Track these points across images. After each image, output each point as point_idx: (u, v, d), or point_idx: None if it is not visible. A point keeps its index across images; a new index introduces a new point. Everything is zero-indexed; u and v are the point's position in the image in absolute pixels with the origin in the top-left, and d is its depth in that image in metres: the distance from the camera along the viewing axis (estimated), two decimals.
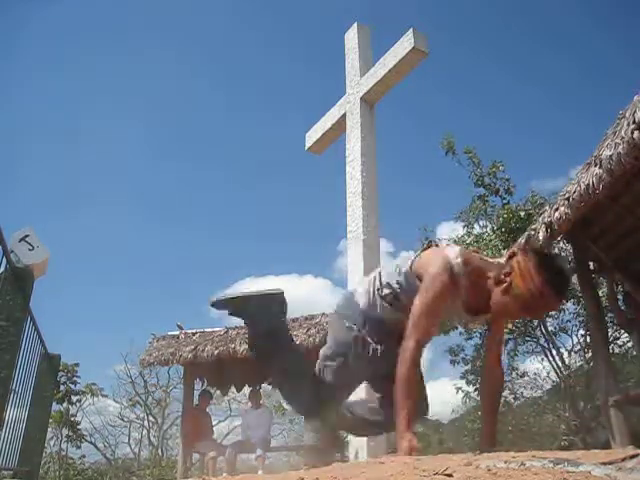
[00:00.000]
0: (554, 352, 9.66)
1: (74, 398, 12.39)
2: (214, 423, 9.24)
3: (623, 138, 3.48)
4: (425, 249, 2.01)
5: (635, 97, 3.58)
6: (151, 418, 16.24)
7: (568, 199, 4.20)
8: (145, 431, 16.30)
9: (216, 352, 7.34)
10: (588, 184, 3.87)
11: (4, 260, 3.14)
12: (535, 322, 9.65)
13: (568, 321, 9.91)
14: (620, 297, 7.53)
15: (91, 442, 15.46)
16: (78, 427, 13.00)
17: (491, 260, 1.91)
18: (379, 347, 1.88)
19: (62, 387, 11.51)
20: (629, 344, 8.73)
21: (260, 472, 6.36)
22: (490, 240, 9.25)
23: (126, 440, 16.54)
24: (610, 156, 3.60)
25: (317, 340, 6.81)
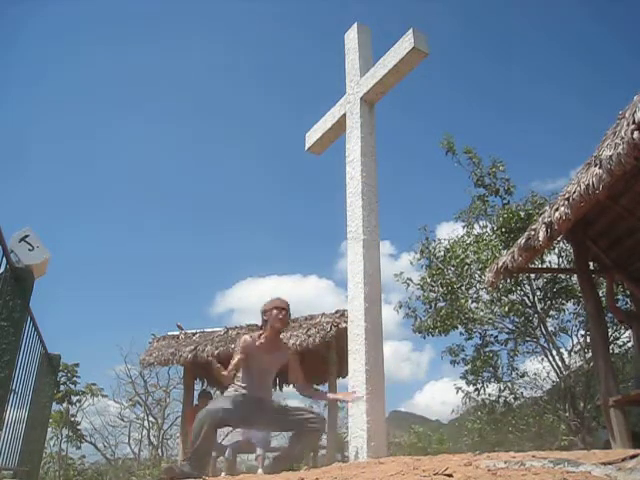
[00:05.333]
0: (554, 352, 9.66)
1: (74, 398, 12.36)
2: None
3: (623, 138, 3.47)
4: None
5: (635, 97, 3.58)
6: (151, 418, 16.23)
7: (568, 199, 4.19)
8: (145, 431, 16.29)
9: (216, 352, 7.33)
10: (588, 184, 3.87)
11: (4, 260, 3.14)
12: (535, 322, 9.64)
13: (568, 321, 9.91)
14: (622, 294, 7.51)
15: (91, 442, 15.46)
16: (78, 427, 12.98)
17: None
18: None
19: (62, 387, 11.49)
20: (629, 344, 8.73)
21: (260, 471, 6.36)
22: (490, 240, 9.24)
23: (126, 440, 16.54)
24: (610, 156, 3.60)
25: (317, 340, 6.80)
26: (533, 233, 4.70)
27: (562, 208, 4.26)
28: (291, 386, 9.27)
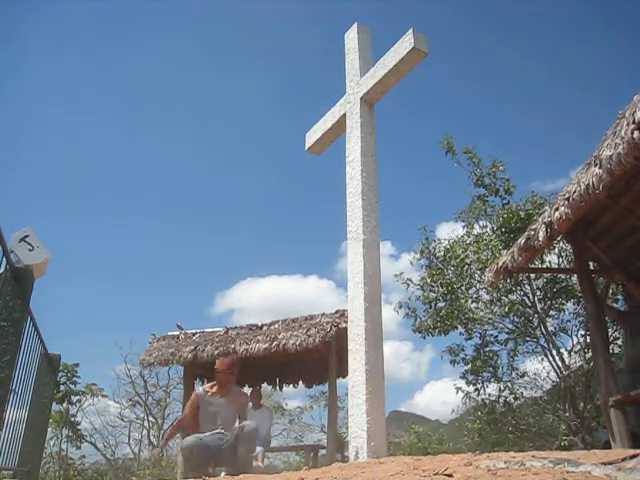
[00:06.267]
0: (554, 352, 9.65)
1: (74, 398, 12.37)
2: None
3: (623, 138, 3.47)
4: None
5: (635, 97, 3.57)
6: (151, 418, 16.24)
7: (568, 199, 4.19)
8: (145, 431, 16.30)
9: (216, 352, 7.34)
10: (588, 184, 3.86)
11: (4, 260, 3.13)
12: (535, 322, 9.64)
13: (568, 321, 9.90)
14: (622, 294, 7.49)
15: (91, 442, 15.47)
16: (78, 427, 12.99)
17: None
18: None
19: (62, 387, 11.49)
20: None
21: (259, 464, 6.38)
22: (490, 240, 9.24)
23: (126, 440, 16.55)
24: (610, 156, 3.59)
25: (317, 340, 6.80)
26: (533, 233, 4.70)
27: (562, 208, 4.26)
28: (291, 386, 9.30)
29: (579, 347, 9.79)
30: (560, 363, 9.62)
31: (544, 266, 8.76)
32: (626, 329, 5.14)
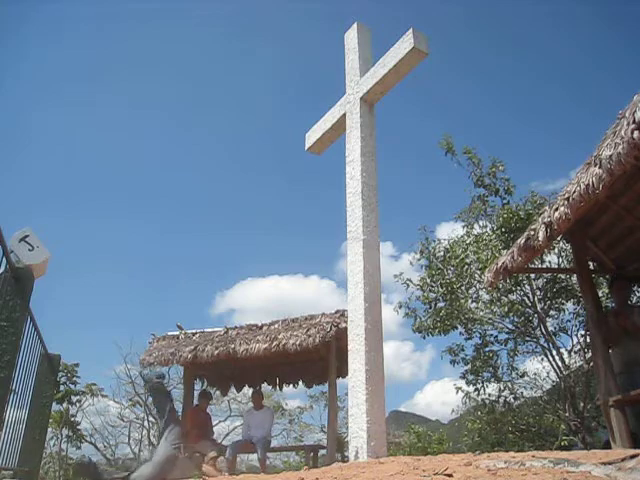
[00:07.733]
0: (554, 352, 9.65)
1: (74, 398, 12.35)
2: (214, 423, 9.23)
3: (623, 138, 3.46)
4: None
5: (635, 97, 3.57)
6: (151, 418, 16.22)
7: (568, 199, 4.18)
8: (145, 431, 16.29)
9: (216, 352, 7.34)
10: (588, 184, 3.86)
11: (4, 260, 3.13)
12: (535, 322, 9.64)
13: (568, 321, 9.90)
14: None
15: (91, 442, 15.46)
16: (78, 427, 12.98)
17: None
18: None
19: (62, 387, 11.49)
20: None
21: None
22: (490, 240, 9.24)
23: (126, 440, 16.55)
24: (610, 156, 3.59)
25: (317, 340, 6.80)
26: (533, 233, 4.69)
27: (562, 208, 4.25)
28: (291, 386, 9.34)
29: (579, 347, 9.78)
30: (560, 363, 9.61)
31: (544, 266, 8.76)
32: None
